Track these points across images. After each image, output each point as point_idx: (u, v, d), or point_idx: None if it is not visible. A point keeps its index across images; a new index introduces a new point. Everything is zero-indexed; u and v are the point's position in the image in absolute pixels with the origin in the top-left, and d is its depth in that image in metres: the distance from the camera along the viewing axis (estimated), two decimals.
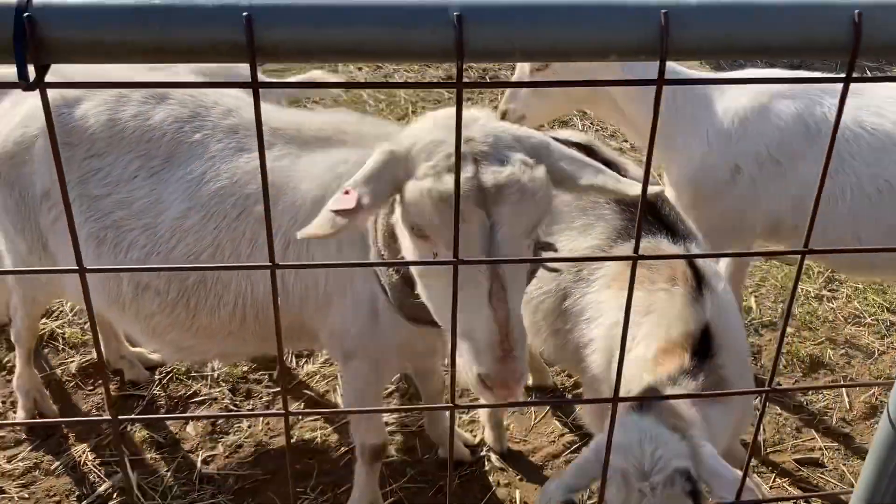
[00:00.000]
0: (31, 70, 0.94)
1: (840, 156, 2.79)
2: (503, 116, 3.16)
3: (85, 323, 3.61)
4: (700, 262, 2.07)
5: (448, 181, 1.54)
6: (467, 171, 1.56)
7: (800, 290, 4.06)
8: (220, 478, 2.91)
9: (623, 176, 2.22)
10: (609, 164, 2.25)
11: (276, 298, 1.10)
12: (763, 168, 2.87)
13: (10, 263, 2.68)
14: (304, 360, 3.47)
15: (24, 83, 0.93)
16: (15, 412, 3.13)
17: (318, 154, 2.22)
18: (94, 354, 3.44)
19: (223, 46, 0.97)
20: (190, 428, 3.11)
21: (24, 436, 3.05)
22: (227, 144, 2.28)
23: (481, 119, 1.70)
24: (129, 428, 3.11)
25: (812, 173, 2.82)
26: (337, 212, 1.57)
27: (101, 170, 2.30)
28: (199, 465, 2.95)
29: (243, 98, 2.45)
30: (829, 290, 4.11)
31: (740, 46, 1.03)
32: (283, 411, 1.26)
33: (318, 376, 3.38)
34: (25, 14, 0.91)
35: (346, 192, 1.60)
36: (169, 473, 2.91)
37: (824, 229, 2.83)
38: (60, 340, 3.51)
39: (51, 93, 2.37)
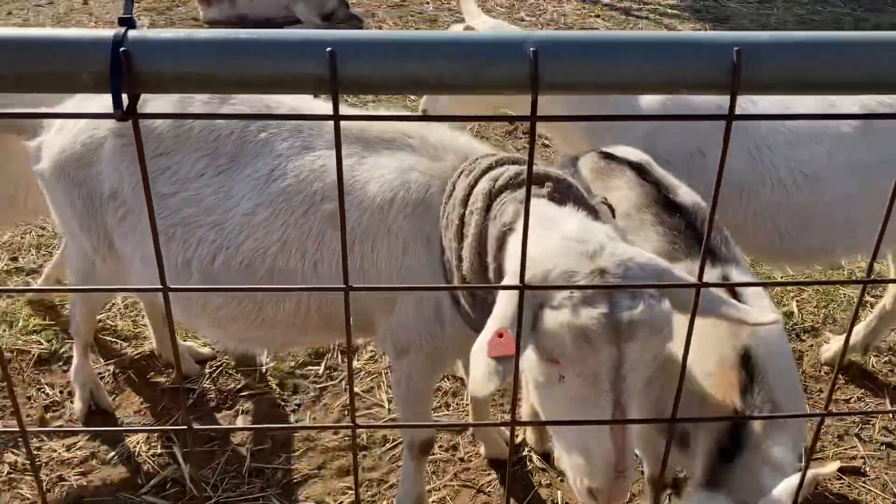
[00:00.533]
0: (124, 99, 1.00)
1: (760, 149, 2.93)
2: None
3: (136, 316, 3.71)
4: (735, 279, 2.07)
5: (585, 315, 1.60)
6: (602, 307, 1.60)
7: (842, 295, 4.03)
8: (269, 471, 2.99)
9: (674, 195, 2.22)
10: (660, 184, 2.26)
11: (348, 320, 1.14)
12: (690, 162, 2.97)
13: (74, 262, 2.77)
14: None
15: (119, 112, 0.99)
16: (72, 402, 3.23)
17: (383, 157, 2.28)
18: (146, 347, 3.53)
19: (307, 80, 1.02)
20: (240, 421, 3.20)
21: (80, 425, 3.15)
22: (292, 143, 2.35)
23: (608, 245, 1.72)
24: (179, 422, 3.20)
25: (731, 162, 2.89)
26: (497, 358, 1.60)
27: (168, 168, 2.38)
28: (248, 458, 3.03)
29: (306, 99, 2.52)
30: (873, 297, 4.07)
31: (812, 82, 1.05)
32: (352, 424, 1.31)
33: (362, 373, 3.44)
34: (122, 48, 0.96)
35: (500, 335, 1.63)
36: (220, 466, 2.99)
37: (745, 217, 2.95)
38: (113, 333, 3.62)
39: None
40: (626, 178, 2.32)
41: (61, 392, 3.32)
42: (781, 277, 4.16)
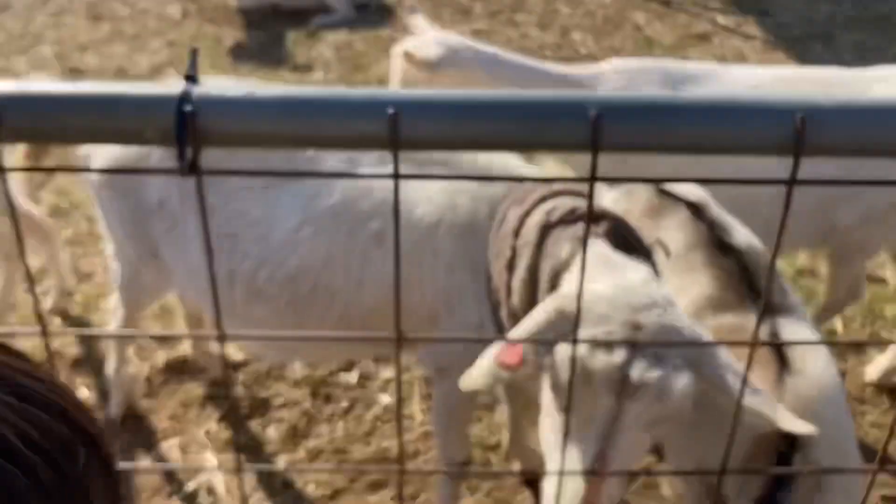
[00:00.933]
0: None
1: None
2: None
3: (170, 318, 3.75)
4: (786, 335, 1.95)
5: (598, 359, 1.55)
6: (619, 356, 1.56)
7: (889, 315, 3.96)
8: (300, 483, 3.01)
9: (728, 236, 2.18)
10: (714, 224, 2.22)
11: (398, 372, 1.15)
12: (636, 157, 3.05)
13: (118, 269, 2.82)
14: (382, 365, 3.54)
15: (184, 169, 1.00)
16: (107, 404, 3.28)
17: None
18: (180, 350, 3.57)
19: (368, 139, 1.02)
20: (272, 430, 3.23)
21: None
22: (339, 161, 2.36)
23: (659, 306, 1.65)
24: (213, 427, 3.24)
25: (671, 166, 2.92)
26: (501, 364, 1.60)
27: (216, 180, 2.41)
28: (281, 468, 3.05)
29: None
30: None
31: (876, 147, 1.04)
32: (400, 467, 1.32)
33: (394, 382, 3.46)
34: (187, 107, 0.97)
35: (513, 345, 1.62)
36: (252, 476, 3.03)
37: None
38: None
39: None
40: (680, 218, 2.23)
41: (97, 394, 3.37)
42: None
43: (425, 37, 3.39)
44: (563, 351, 1.62)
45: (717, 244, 2.17)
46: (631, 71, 3.25)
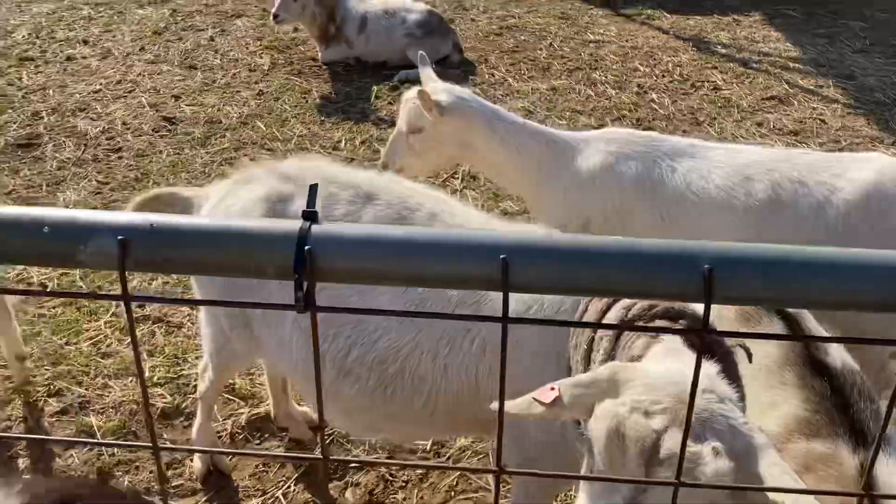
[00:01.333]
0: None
1: (670, 213, 3.17)
2: (384, 169, 3.54)
3: (254, 375, 3.84)
4: (883, 474, 1.86)
5: (634, 421, 1.55)
6: (656, 423, 1.55)
7: None
8: None
9: (823, 354, 2.11)
10: (803, 328, 2.16)
11: (496, 499, 1.16)
12: (607, 222, 3.25)
13: (209, 335, 2.91)
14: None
15: (300, 305, 1.04)
16: (191, 461, 3.37)
17: None
18: (262, 409, 3.64)
19: (478, 281, 1.05)
20: (349, 494, 3.25)
21: (199, 486, 3.28)
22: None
23: (716, 394, 1.64)
24: (291, 488, 3.29)
25: (645, 227, 3.15)
26: (537, 401, 1.66)
27: None
28: None
29: (447, 202, 2.57)
30: None
31: None
32: None
33: (469, 451, 3.45)
34: (306, 247, 1.01)
35: (552, 388, 1.67)
36: None
37: None
38: (231, 391, 3.75)
39: (267, 187, 2.57)
40: (774, 330, 2.20)
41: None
42: None
43: (436, 85, 3.70)
44: (606, 406, 1.63)
45: (811, 362, 2.09)
46: (618, 140, 3.43)
